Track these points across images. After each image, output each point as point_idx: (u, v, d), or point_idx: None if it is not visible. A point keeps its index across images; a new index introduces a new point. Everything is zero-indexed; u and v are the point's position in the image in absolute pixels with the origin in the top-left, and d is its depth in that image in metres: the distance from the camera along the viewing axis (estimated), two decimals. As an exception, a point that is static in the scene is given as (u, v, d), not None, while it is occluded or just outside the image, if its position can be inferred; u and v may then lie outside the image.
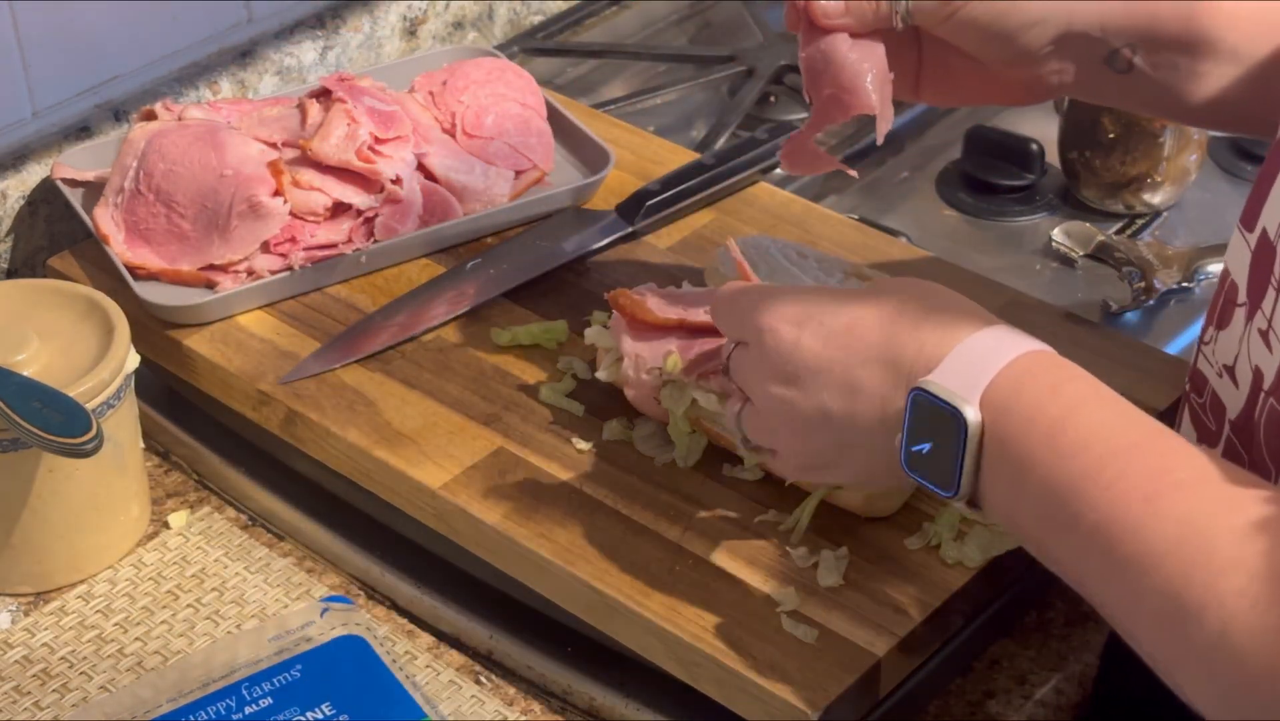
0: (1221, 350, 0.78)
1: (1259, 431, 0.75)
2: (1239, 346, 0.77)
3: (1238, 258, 0.77)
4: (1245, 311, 0.76)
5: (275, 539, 1.09)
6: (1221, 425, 0.78)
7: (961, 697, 0.98)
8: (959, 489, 0.75)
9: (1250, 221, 0.76)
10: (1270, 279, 0.73)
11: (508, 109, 1.26)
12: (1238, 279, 0.77)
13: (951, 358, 0.75)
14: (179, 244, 1.17)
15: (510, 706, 0.98)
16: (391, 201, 1.19)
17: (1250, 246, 0.75)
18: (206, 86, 1.33)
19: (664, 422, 1.02)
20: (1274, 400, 0.73)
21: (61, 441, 0.96)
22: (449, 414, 1.07)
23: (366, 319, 1.14)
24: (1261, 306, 0.74)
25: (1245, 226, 0.76)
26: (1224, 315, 0.78)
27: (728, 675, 0.91)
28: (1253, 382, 0.75)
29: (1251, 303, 0.75)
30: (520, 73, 1.30)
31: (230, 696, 0.97)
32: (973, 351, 0.75)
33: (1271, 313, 0.73)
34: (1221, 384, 0.78)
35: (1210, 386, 0.80)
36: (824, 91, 0.92)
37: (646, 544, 0.97)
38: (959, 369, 0.74)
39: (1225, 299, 0.78)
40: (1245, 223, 0.76)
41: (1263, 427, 0.74)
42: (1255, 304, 0.74)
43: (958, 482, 0.75)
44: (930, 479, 0.76)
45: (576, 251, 1.19)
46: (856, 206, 1.35)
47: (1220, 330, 0.78)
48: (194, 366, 1.13)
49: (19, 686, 0.99)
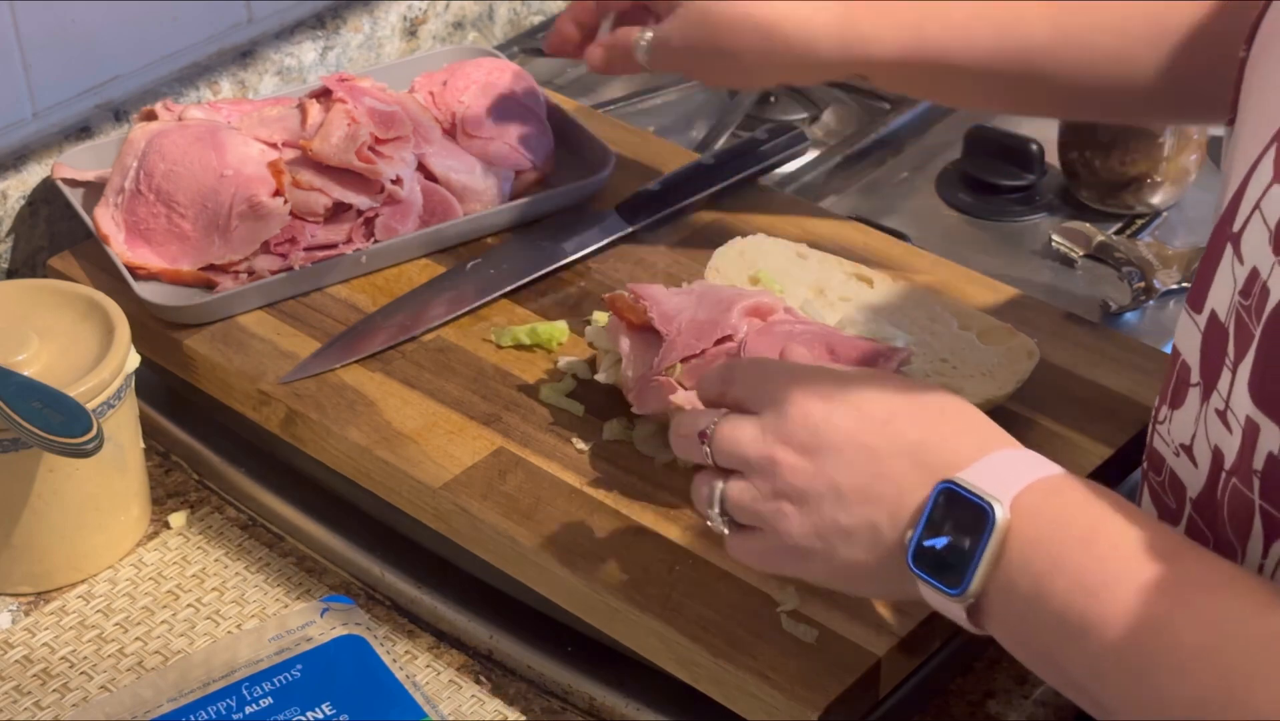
0: (1177, 429, 0.78)
1: (1222, 510, 0.75)
2: (1195, 426, 0.77)
3: (1188, 339, 0.77)
4: (1199, 391, 0.76)
5: (275, 539, 1.09)
6: (1183, 503, 0.79)
7: (961, 697, 0.98)
8: (967, 586, 0.74)
9: (1198, 303, 0.76)
10: (1224, 360, 0.73)
11: (508, 109, 1.26)
12: (1189, 360, 0.77)
13: (985, 462, 0.75)
14: (179, 244, 1.17)
15: (510, 706, 0.98)
16: (391, 201, 1.19)
17: (1200, 328, 0.75)
18: (207, 86, 1.33)
19: (664, 423, 1.02)
20: (1237, 480, 0.73)
21: (62, 441, 0.96)
22: (449, 414, 1.07)
23: (366, 319, 1.14)
24: (1217, 387, 0.74)
25: (1193, 308, 0.76)
26: (1177, 395, 0.78)
27: (728, 675, 0.91)
28: (1213, 462, 0.75)
29: (1205, 383, 0.75)
30: (520, 73, 1.30)
31: (230, 696, 0.97)
32: (1008, 461, 0.75)
33: (1228, 394, 0.73)
34: (1179, 462, 0.78)
35: (1168, 465, 0.80)
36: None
37: (646, 544, 0.97)
38: (993, 472, 0.74)
39: (1178, 379, 0.78)
40: (1193, 304, 0.77)
41: (1226, 507, 0.74)
42: (1210, 384, 0.75)
43: (968, 580, 0.73)
44: (937, 574, 0.74)
45: (576, 251, 1.19)
46: (856, 206, 1.35)
47: (1174, 410, 0.78)
48: (194, 366, 1.13)
49: (19, 686, 0.99)
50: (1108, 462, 1.03)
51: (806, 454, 0.79)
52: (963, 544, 0.73)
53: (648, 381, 1.01)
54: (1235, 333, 0.72)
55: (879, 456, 0.77)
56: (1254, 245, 0.72)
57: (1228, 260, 0.74)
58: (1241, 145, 0.79)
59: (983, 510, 0.73)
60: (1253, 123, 0.78)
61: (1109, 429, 1.04)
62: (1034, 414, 1.05)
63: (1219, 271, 0.74)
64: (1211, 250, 0.75)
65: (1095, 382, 1.08)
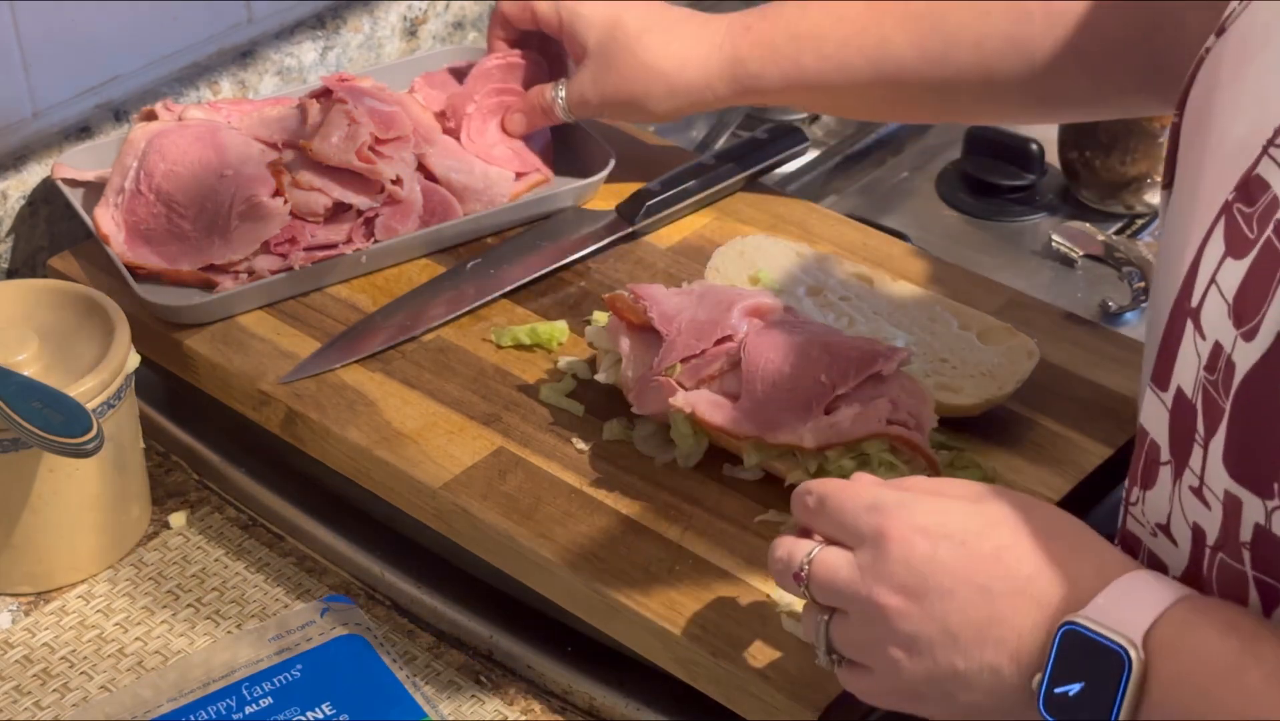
0: (1151, 510, 0.77)
1: (1211, 586, 0.74)
2: (1170, 505, 0.76)
3: (1155, 418, 0.76)
4: (1171, 470, 0.75)
5: (275, 539, 1.09)
6: None
7: (961, 697, 0.98)
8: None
9: (1163, 381, 0.75)
10: (1194, 436, 0.72)
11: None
12: (1158, 438, 0.76)
13: (1108, 595, 0.72)
14: (179, 244, 1.17)
15: (510, 706, 0.98)
16: (391, 201, 1.19)
17: (1167, 406, 0.75)
18: (207, 86, 1.33)
19: (664, 423, 1.02)
20: (1224, 555, 0.72)
21: (62, 441, 0.96)
22: (449, 414, 1.07)
23: (366, 319, 1.14)
24: (1189, 465, 0.73)
25: (1158, 386, 0.75)
26: (1148, 475, 0.77)
27: (728, 675, 0.91)
28: (1194, 540, 0.74)
29: (1176, 461, 0.74)
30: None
31: (230, 696, 0.97)
32: (1131, 591, 0.72)
33: (1201, 470, 0.72)
34: (1157, 542, 0.77)
35: (1145, 546, 0.78)
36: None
37: (646, 544, 0.97)
38: (1117, 607, 0.71)
39: (1147, 459, 0.77)
40: (1158, 382, 0.75)
41: (1215, 582, 0.73)
42: (1181, 462, 0.74)
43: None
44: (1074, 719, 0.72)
45: (576, 251, 1.19)
46: (856, 206, 1.35)
47: (1146, 490, 0.77)
48: (194, 366, 1.13)
49: (19, 686, 0.99)
50: (1108, 462, 1.03)
51: (912, 598, 0.75)
52: (1100, 690, 0.70)
53: (648, 381, 1.01)
54: (1204, 409, 0.71)
55: (992, 596, 0.74)
56: (1214, 320, 0.71)
57: (1189, 336, 0.73)
58: (1184, 216, 0.78)
59: (1116, 654, 0.70)
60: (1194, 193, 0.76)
61: (1109, 429, 1.04)
62: (1034, 414, 1.05)
63: (1182, 348, 0.73)
64: (1171, 327, 0.74)
65: (1095, 383, 1.08)
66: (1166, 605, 0.71)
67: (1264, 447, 0.68)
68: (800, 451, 0.98)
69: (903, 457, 0.97)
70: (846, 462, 0.97)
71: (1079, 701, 0.71)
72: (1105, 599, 0.71)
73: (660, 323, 1.02)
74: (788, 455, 0.99)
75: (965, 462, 1.01)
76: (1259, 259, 0.70)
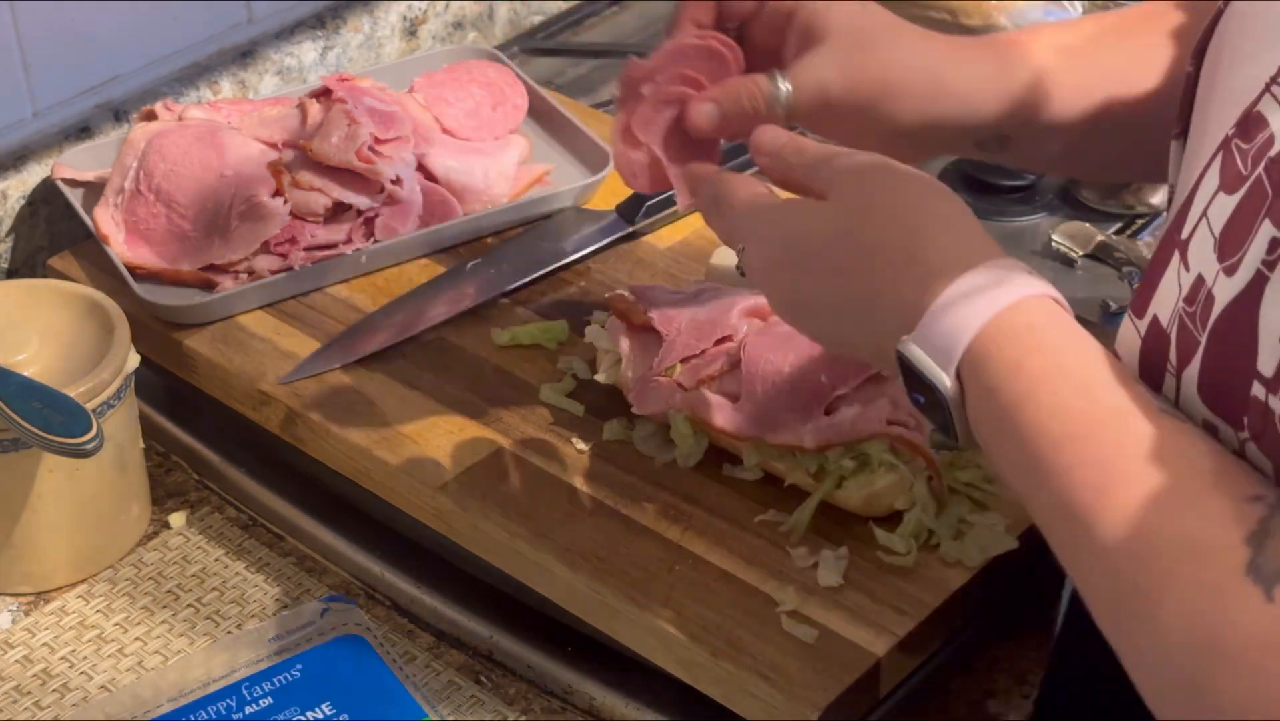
0: None
1: None
2: None
3: (1127, 344, 0.77)
4: None
5: (275, 539, 1.09)
6: None
7: (961, 697, 0.98)
8: (959, 441, 0.76)
9: (1140, 309, 0.76)
10: (1166, 365, 0.74)
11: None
12: (1128, 364, 0.77)
13: (927, 318, 0.75)
14: (179, 244, 1.17)
15: (510, 706, 0.98)
16: (391, 201, 1.19)
17: (1140, 334, 0.76)
18: (207, 86, 1.33)
19: (664, 423, 1.02)
20: None
21: (62, 441, 0.96)
22: (449, 414, 1.07)
23: (366, 319, 1.14)
24: (1162, 391, 0.74)
25: (1136, 314, 0.77)
26: None
27: (728, 675, 0.91)
28: None
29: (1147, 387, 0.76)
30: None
31: (230, 696, 0.97)
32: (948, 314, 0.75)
33: (1175, 398, 0.73)
34: None
35: None
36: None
37: (646, 544, 0.97)
38: (935, 335, 0.75)
39: None
40: (1135, 310, 0.77)
41: None
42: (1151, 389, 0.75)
43: (955, 436, 0.76)
44: (935, 425, 0.77)
45: (576, 251, 1.19)
46: (856, 206, 1.35)
47: None
48: (194, 366, 1.13)
49: (19, 686, 0.99)
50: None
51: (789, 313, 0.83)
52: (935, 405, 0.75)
53: (648, 381, 1.01)
54: (1177, 338, 0.73)
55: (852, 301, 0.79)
56: (1200, 252, 0.72)
57: (1174, 267, 0.74)
58: (1190, 156, 0.79)
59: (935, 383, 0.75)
60: (1203, 133, 0.78)
61: (1109, 429, 1.04)
62: (1034, 414, 1.05)
63: (1164, 278, 0.75)
64: (1158, 257, 0.76)
65: (1095, 383, 1.08)
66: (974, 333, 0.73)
67: (1237, 382, 0.69)
68: (800, 451, 0.98)
69: (903, 457, 0.97)
70: (847, 462, 0.97)
71: (928, 410, 0.77)
72: (926, 324, 0.75)
73: (660, 323, 1.02)
74: (788, 455, 0.99)
75: (965, 462, 1.01)
76: (1248, 195, 0.70)
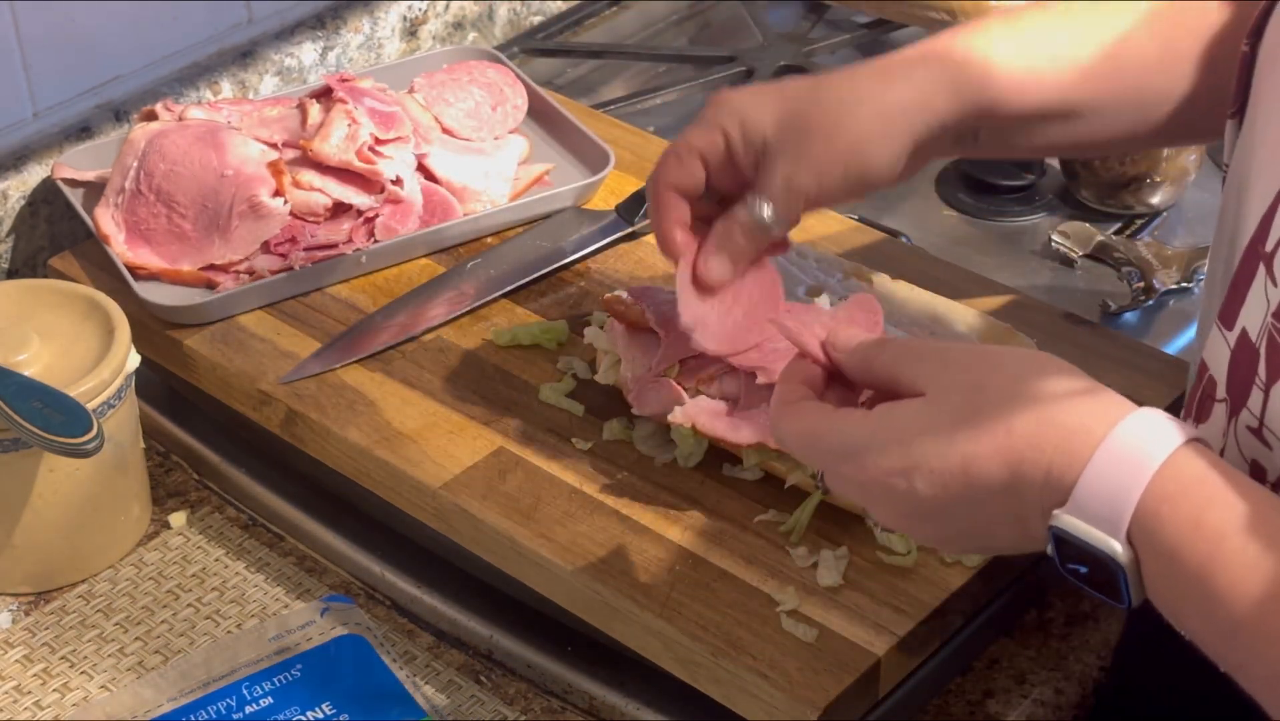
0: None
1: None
2: (1224, 440, 0.76)
3: (1216, 355, 0.76)
4: (1226, 408, 0.75)
5: (275, 539, 1.09)
6: None
7: (961, 697, 0.98)
8: (1130, 603, 0.71)
9: (1229, 320, 0.75)
10: (1254, 379, 0.72)
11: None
12: (1216, 375, 0.76)
13: (1082, 486, 0.70)
14: (179, 244, 1.17)
15: (510, 706, 0.98)
16: (392, 201, 1.19)
17: (1230, 345, 0.75)
18: (207, 86, 1.33)
19: (664, 423, 1.02)
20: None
21: (62, 441, 0.96)
22: (449, 414, 1.07)
23: (366, 319, 1.14)
24: (1248, 405, 0.73)
25: (1224, 325, 0.76)
26: (1202, 409, 0.78)
27: (728, 675, 0.91)
28: (1252, 475, 0.73)
29: (1233, 400, 0.74)
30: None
31: (230, 696, 0.97)
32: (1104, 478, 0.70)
33: (1262, 412, 0.72)
34: None
35: None
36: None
37: (646, 544, 0.98)
38: (1095, 501, 0.70)
39: (1203, 393, 0.77)
40: (1224, 321, 0.76)
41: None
42: (1238, 402, 0.74)
43: (1127, 600, 0.71)
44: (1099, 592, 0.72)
45: (576, 251, 1.19)
46: (856, 206, 1.35)
47: (1200, 423, 0.78)
48: (194, 366, 1.13)
49: (19, 686, 0.99)
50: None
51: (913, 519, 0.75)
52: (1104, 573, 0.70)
53: (647, 382, 1.01)
54: (1267, 354, 0.71)
55: (975, 505, 0.73)
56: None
57: (1260, 280, 0.73)
58: (1265, 149, 0.76)
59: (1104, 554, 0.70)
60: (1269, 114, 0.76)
61: (1109, 429, 1.04)
62: (1034, 414, 1.05)
63: (1252, 290, 0.74)
64: (1244, 268, 0.74)
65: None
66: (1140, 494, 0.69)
67: None
68: (800, 451, 0.98)
69: (903, 458, 0.97)
70: (846, 463, 0.97)
71: (1093, 576, 0.71)
72: (1081, 491, 0.70)
73: (658, 324, 1.02)
74: (788, 455, 0.99)
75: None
76: None
